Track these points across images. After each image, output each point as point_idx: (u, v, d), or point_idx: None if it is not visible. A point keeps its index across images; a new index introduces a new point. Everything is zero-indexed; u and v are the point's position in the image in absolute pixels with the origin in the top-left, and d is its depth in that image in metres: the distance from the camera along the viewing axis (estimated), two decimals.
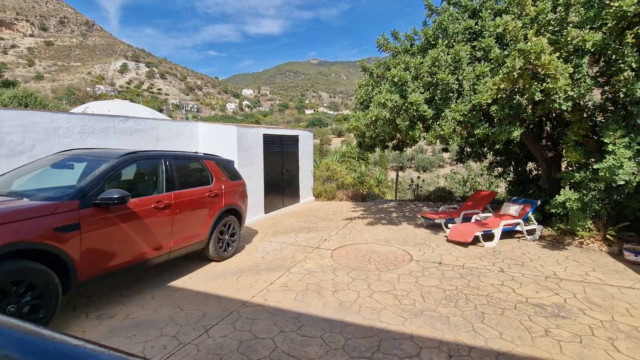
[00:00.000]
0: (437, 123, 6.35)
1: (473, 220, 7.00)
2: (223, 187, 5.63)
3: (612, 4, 4.69)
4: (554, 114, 7.11)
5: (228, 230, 5.77)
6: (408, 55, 7.79)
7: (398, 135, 7.52)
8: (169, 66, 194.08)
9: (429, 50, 7.01)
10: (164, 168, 4.69)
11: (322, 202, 11.81)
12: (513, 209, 6.73)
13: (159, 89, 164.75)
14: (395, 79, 6.44)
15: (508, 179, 8.95)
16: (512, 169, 8.89)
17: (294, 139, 10.90)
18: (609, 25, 4.85)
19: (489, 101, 5.41)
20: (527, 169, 8.64)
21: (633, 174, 5.04)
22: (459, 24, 7.15)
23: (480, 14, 7.11)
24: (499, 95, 5.33)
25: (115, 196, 3.65)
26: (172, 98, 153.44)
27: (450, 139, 6.24)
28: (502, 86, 5.12)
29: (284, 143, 10.34)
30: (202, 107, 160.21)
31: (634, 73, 4.93)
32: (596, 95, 6.38)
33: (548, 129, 7.70)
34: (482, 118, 6.31)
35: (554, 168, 7.41)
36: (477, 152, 8.90)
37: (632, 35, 4.75)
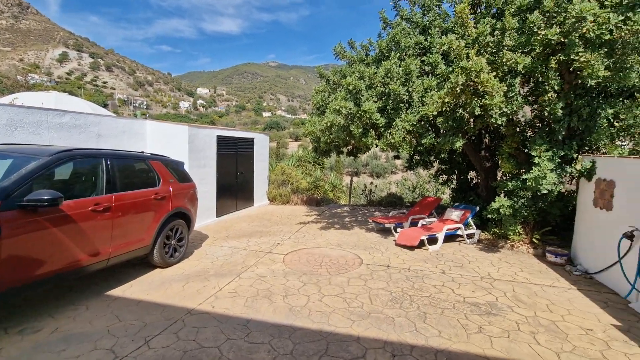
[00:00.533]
0: (389, 131, 6.64)
1: (419, 224, 7.39)
2: (171, 189, 5.37)
3: (539, 32, 5.26)
4: (491, 128, 7.78)
5: (175, 235, 5.51)
6: (363, 64, 8.06)
7: (352, 141, 7.73)
8: (116, 58, 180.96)
9: (382, 62, 7.32)
10: (104, 168, 4.38)
11: (276, 206, 11.73)
12: (455, 214, 7.22)
13: (104, 83, 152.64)
14: (350, 87, 6.63)
15: (452, 186, 9.59)
16: (455, 177, 9.55)
17: (249, 142, 10.73)
18: (537, 50, 5.44)
19: (435, 113, 5.78)
20: (469, 177, 9.33)
21: (554, 184, 5.67)
22: (411, 39, 7.56)
23: (429, 31, 7.58)
24: (444, 108, 5.72)
25: (45, 197, 3.33)
26: (119, 93, 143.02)
27: (400, 147, 6.54)
28: (446, 100, 5.50)
29: (239, 145, 10.13)
30: (152, 104, 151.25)
31: (556, 94, 5.56)
32: (527, 112, 7.11)
33: (487, 141, 8.40)
34: (429, 129, 6.70)
35: (491, 177, 8.09)
36: (425, 160, 9.44)
37: (555, 61, 5.37)
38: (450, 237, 7.23)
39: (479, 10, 7.43)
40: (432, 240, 6.82)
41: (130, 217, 4.58)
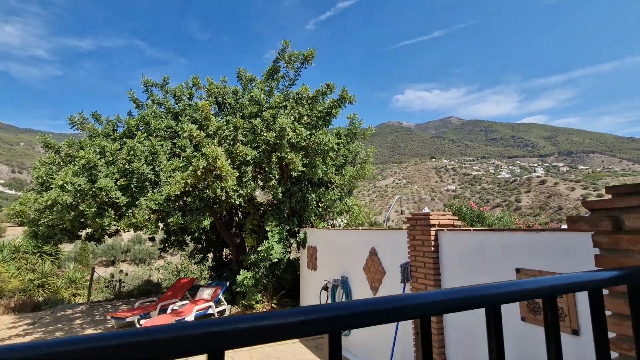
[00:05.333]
0: (131, 211, 6.20)
1: (169, 310, 6.87)
2: None
3: (262, 134, 6.78)
4: (241, 207, 8.78)
5: None
6: (109, 139, 7.49)
7: (87, 222, 6.62)
8: None
9: (128, 139, 7.08)
10: None
11: None
12: (207, 292, 7.26)
13: None
14: (83, 162, 5.90)
15: (208, 264, 9.73)
16: (212, 255, 9.81)
17: None
18: (263, 147, 6.91)
19: (177, 193, 5.99)
20: (224, 254, 9.82)
21: (282, 253, 6.89)
22: (162, 122, 7.83)
23: (180, 117, 8.16)
24: (187, 189, 6.04)
25: None
26: None
27: (144, 227, 6.19)
28: (189, 181, 5.87)
29: None
30: None
31: (277, 182, 7.11)
32: (268, 194, 8.57)
33: (237, 219, 9.34)
34: (177, 208, 6.78)
35: (241, 252, 8.85)
36: (179, 240, 9.25)
37: (275, 157, 6.97)
38: (204, 317, 7.08)
39: (225, 109, 8.80)
40: None
41: None
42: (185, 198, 6.72)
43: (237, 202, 6.44)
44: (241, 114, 7.12)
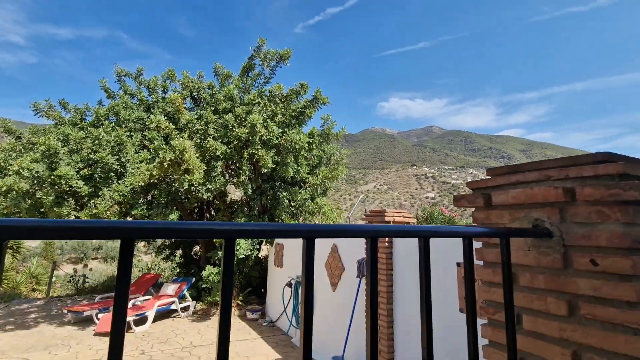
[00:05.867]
0: (93, 201, 6.04)
1: (130, 305, 6.70)
2: None
3: (234, 130, 6.76)
4: (213, 203, 8.69)
5: None
6: (76, 128, 7.27)
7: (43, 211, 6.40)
8: None
9: (95, 128, 6.90)
10: None
11: None
12: (171, 288, 7.13)
13: None
14: (42, 148, 5.71)
15: (176, 260, 9.56)
16: (180, 251, 9.63)
17: None
18: (234, 143, 6.89)
19: (142, 184, 5.89)
20: (194, 250, 9.67)
21: (250, 250, 6.86)
22: (133, 113, 7.68)
23: (152, 110, 8.02)
24: (152, 180, 5.95)
25: None
26: None
27: (106, 218, 6.03)
28: (154, 172, 5.78)
29: None
30: None
31: (248, 178, 7.10)
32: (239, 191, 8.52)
33: (208, 215, 9.23)
34: (143, 201, 6.66)
35: (210, 249, 8.76)
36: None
37: (247, 153, 6.96)
38: (166, 313, 6.96)
39: (200, 104, 8.70)
40: (143, 320, 6.30)
41: None
42: (152, 191, 6.61)
43: (206, 197, 6.39)
44: (213, 108, 7.08)
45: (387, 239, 3.69)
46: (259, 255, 8.03)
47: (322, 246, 5.05)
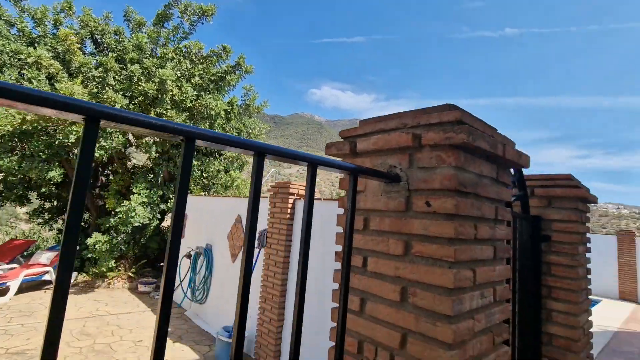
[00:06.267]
0: None
1: None
2: None
3: (140, 84, 6.01)
4: (111, 165, 7.70)
5: None
6: None
7: None
8: None
9: None
10: None
11: None
12: (45, 256, 6.17)
13: None
14: None
15: (58, 227, 8.31)
16: (65, 217, 8.38)
17: None
18: (139, 99, 6.14)
19: (10, 128, 4.88)
20: (84, 218, 8.50)
21: (148, 218, 6.29)
22: (8, 45, 6.26)
23: (36, 46, 6.65)
24: (25, 127, 4.97)
25: None
26: None
27: None
28: (28, 117, 4.82)
29: None
30: None
31: (152, 141, 6.43)
32: (145, 156, 7.67)
33: (103, 178, 8.16)
34: (11, 150, 5.54)
35: (102, 215, 7.79)
36: (20, 195, 7.60)
37: (154, 112, 6.27)
38: (39, 285, 6.03)
39: (103, 49, 7.51)
40: (4, 292, 5.34)
41: None
42: (26, 140, 5.54)
43: (99, 156, 5.60)
44: (118, 57, 6.18)
45: (289, 209, 3.70)
46: (162, 226, 7.42)
47: (226, 217, 4.88)
